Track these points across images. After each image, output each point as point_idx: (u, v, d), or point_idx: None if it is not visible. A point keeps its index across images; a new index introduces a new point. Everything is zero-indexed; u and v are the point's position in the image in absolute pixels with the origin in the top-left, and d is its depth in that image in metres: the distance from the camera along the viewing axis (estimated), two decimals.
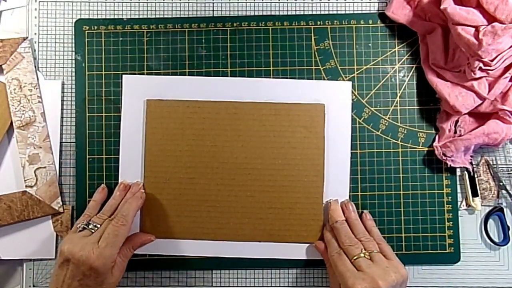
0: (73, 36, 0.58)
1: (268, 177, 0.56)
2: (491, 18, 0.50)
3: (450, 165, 0.55)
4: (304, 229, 0.56)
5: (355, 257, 0.49)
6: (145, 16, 0.59)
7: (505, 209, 0.57)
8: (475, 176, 0.57)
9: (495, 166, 0.57)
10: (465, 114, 0.55)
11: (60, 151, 0.58)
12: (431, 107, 0.58)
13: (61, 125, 0.58)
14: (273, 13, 0.59)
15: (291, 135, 0.56)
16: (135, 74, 0.58)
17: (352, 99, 0.57)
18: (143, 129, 0.57)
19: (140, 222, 0.56)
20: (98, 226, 0.50)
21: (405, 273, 0.48)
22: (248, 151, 0.56)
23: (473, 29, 0.50)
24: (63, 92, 0.58)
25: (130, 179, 0.57)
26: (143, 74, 0.58)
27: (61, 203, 0.56)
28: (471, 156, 0.56)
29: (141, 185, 0.56)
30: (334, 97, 0.57)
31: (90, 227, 0.51)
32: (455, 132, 0.56)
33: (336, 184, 0.56)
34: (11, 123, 0.56)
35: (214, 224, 0.56)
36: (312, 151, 0.56)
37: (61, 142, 0.58)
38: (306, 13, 0.59)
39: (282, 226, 0.56)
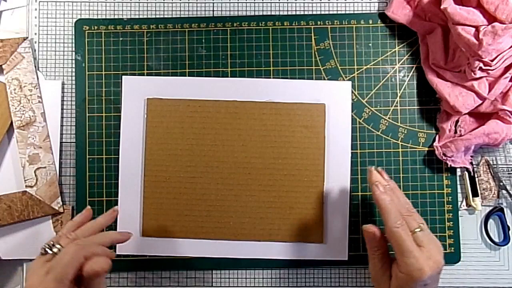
0: (73, 36, 0.58)
1: (268, 177, 0.56)
2: (491, 18, 0.50)
3: (450, 165, 0.55)
4: (304, 228, 0.56)
5: (415, 230, 0.44)
6: (145, 16, 0.59)
7: (505, 209, 0.57)
8: (475, 176, 0.57)
9: (495, 166, 0.57)
10: (465, 114, 0.55)
11: (60, 151, 0.58)
12: (431, 107, 0.58)
13: (61, 125, 0.58)
14: (273, 13, 0.59)
15: (292, 135, 0.56)
16: (135, 74, 0.58)
17: (352, 99, 0.57)
18: (143, 129, 0.57)
19: (140, 221, 0.56)
20: (58, 247, 0.43)
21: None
22: (248, 151, 0.56)
23: (473, 29, 0.50)
24: (63, 92, 0.58)
25: (130, 179, 0.57)
26: (143, 74, 0.58)
27: (61, 203, 0.56)
28: (471, 156, 0.56)
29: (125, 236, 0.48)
30: (334, 97, 0.57)
31: (54, 250, 0.43)
32: (455, 132, 0.56)
33: (337, 184, 0.56)
34: (11, 123, 0.56)
35: (214, 223, 0.56)
36: (313, 150, 0.56)
37: (61, 142, 0.58)
38: (306, 13, 0.59)
39: (282, 226, 0.56)
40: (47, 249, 0.43)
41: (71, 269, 0.40)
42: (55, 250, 0.43)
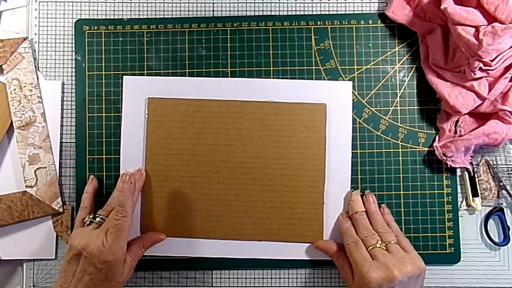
0: (73, 36, 0.58)
1: (269, 176, 0.56)
2: (491, 18, 0.50)
3: (450, 165, 0.55)
4: (305, 228, 0.56)
5: (371, 247, 0.50)
6: (145, 16, 0.59)
7: (505, 209, 0.57)
8: (475, 176, 0.57)
9: (495, 166, 0.57)
10: (465, 114, 0.55)
11: (60, 151, 0.58)
12: (431, 107, 0.58)
13: (61, 125, 0.58)
14: (273, 13, 0.59)
15: (293, 135, 0.56)
16: (135, 74, 0.58)
17: (352, 99, 0.57)
18: (143, 129, 0.57)
19: (140, 221, 0.56)
20: (105, 218, 0.50)
21: (422, 266, 0.48)
22: (249, 150, 0.56)
23: (473, 29, 0.50)
24: (63, 92, 0.58)
25: None
26: (143, 74, 0.58)
27: (61, 203, 0.56)
28: (471, 156, 0.56)
29: (142, 171, 0.56)
30: (335, 97, 0.57)
31: (97, 220, 0.51)
32: (455, 132, 0.56)
33: (337, 184, 0.56)
34: (11, 123, 0.56)
35: (215, 223, 0.56)
36: (313, 150, 0.56)
37: (61, 142, 0.58)
38: (306, 13, 0.59)
39: (282, 226, 0.56)
40: (92, 219, 0.51)
41: (127, 230, 0.49)
42: (98, 220, 0.51)
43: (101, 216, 0.51)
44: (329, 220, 0.56)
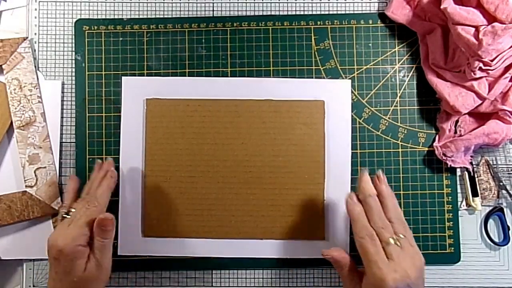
0: (73, 36, 0.58)
1: (269, 174, 0.56)
2: (491, 18, 0.50)
3: (450, 165, 0.55)
4: (306, 225, 0.56)
5: (386, 243, 0.46)
6: (145, 16, 0.59)
7: (505, 209, 0.57)
8: (475, 176, 0.57)
9: (495, 166, 0.57)
10: (465, 114, 0.55)
11: (60, 151, 0.58)
12: (431, 107, 0.58)
13: (61, 125, 0.58)
14: (273, 13, 0.59)
15: (291, 132, 0.56)
16: (135, 74, 0.58)
17: (352, 99, 0.58)
18: (143, 129, 0.57)
19: (141, 222, 0.56)
20: (73, 210, 0.49)
21: (423, 260, 0.47)
22: (248, 149, 0.56)
23: (473, 29, 0.50)
24: (63, 92, 0.58)
25: (131, 179, 0.57)
26: (143, 74, 0.58)
27: (61, 203, 0.56)
28: (471, 156, 0.56)
29: (112, 162, 0.55)
30: (334, 95, 0.57)
31: (70, 215, 0.49)
32: (455, 132, 0.56)
33: (337, 181, 0.56)
34: (11, 123, 0.56)
35: (215, 222, 0.56)
36: (313, 148, 0.56)
37: (61, 142, 0.58)
38: (306, 13, 0.59)
39: (283, 223, 0.56)
40: (64, 215, 0.49)
41: (91, 219, 0.47)
42: (70, 214, 0.49)
43: (73, 211, 0.49)
44: (330, 217, 0.56)
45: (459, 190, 0.57)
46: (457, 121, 0.56)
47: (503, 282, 0.57)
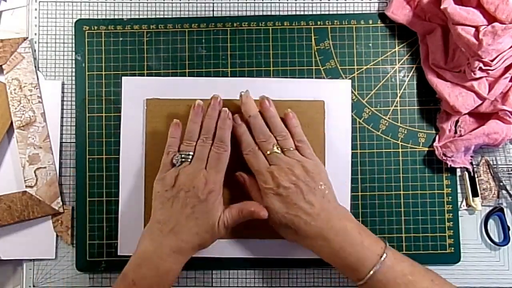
0: (73, 36, 0.58)
1: None
2: (491, 18, 0.50)
3: (450, 165, 0.55)
4: None
5: (268, 152, 0.51)
6: (145, 16, 0.59)
7: (505, 209, 0.57)
8: (475, 176, 0.57)
9: (495, 166, 0.57)
10: (465, 114, 0.55)
11: (60, 151, 0.58)
12: (431, 107, 0.58)
13: (61, 125, 0.58)
14: (273, 13, 0.59)
15: None
16: (135, 74, 0.58)
17: (352, 99, 0.58)
18: (143, 129, 0.57)
19: (142, 222, 0.56)
20: (191, 153, 0.51)
21: (319, 165, 0.51)
22: None
23: (473, 29, 0.50)
24: (63, 92, 0.58)
25: (131, 179, 0.56)
26: (143, 74, 0.58)
27: (61, 203, 0.56)
28: (471, 156, 0.56)
29: (221, 100, 0.53)
30: (334, 95, 0.57)
31: (188, 158, 0.51)
32: (455, 132, 0.56)
33: (337, 182, 0.56)
34: (11, 123, 0.56)
35: None
36: (313, 147, 0.56)
37: (61, 142, 0.58)
38: (306, 13, 0.59)
39: None
40: (182, 160, 0.51)
41: (225, 164, 0.51)
42: (188, 157, 0.51)
43: (187, 153, 0.51)
44: None
45: (459, 190, 0.57)
46: (457, 121, 0.56)
47: (503, 282, 0.57)
